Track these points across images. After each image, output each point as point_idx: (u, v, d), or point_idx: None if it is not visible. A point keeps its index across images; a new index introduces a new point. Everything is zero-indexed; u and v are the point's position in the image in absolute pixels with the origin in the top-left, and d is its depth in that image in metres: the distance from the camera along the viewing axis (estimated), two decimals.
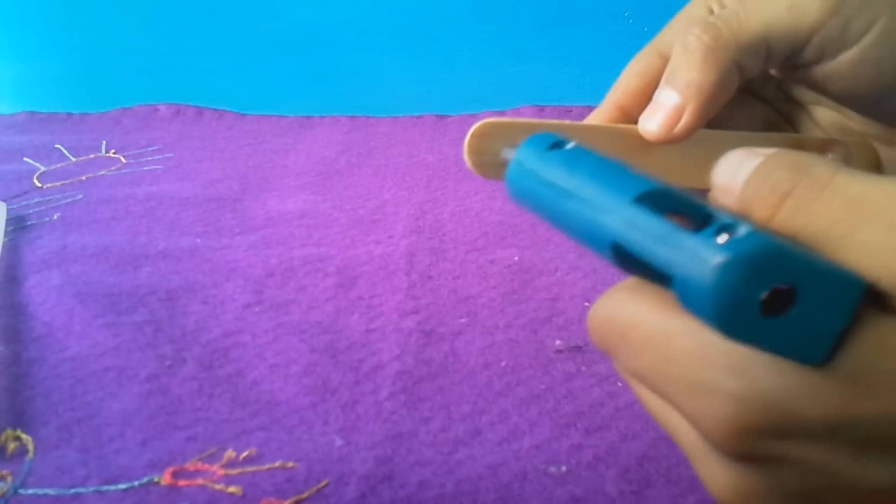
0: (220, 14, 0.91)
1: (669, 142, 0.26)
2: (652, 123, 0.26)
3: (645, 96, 0.29)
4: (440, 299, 0.49)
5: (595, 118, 0.30)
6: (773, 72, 0.30)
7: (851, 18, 0.26)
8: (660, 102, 0.26)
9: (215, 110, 0.92)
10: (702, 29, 0.26)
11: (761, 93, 0.33)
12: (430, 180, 0.69)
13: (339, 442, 0.37)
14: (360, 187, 0.68)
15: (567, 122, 0.26)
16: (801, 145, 0.30)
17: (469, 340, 0.45)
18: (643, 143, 0.27)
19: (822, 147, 0.30)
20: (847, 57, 0.26)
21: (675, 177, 0.27)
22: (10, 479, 0.35)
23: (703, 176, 0.27)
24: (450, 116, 0.88)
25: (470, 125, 0.26)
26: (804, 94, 0.32)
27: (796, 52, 0.27)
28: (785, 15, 0.26)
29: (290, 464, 0.35)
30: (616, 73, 0.32)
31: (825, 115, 0.32)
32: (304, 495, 0.34)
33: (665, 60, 0.29)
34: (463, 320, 0.47)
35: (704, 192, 0.28)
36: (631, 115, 0.29)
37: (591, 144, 0.26)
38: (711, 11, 0.29)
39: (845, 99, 0.29)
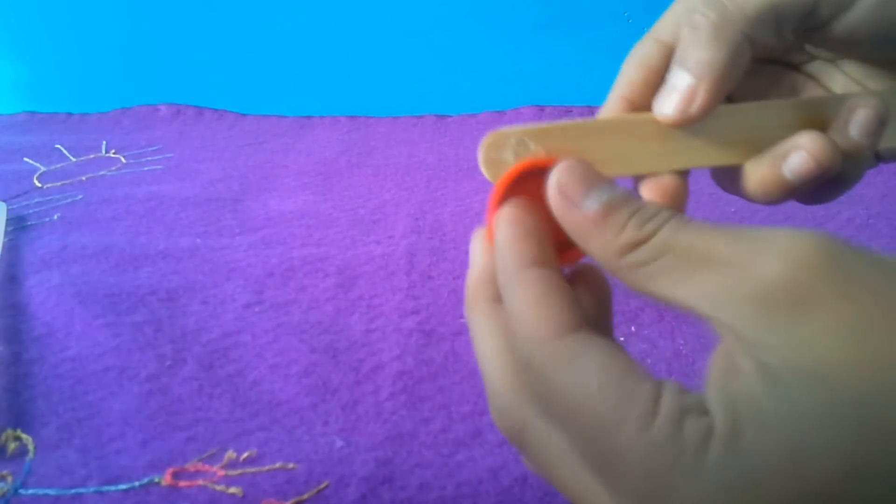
0: (220, 14, 0.91)
1: (687, 123, 0.26)
2: (667, 107, 0.26)
3: (649, 85, 0.28)
4: (440, 299, 0.49)
5: (603, 113, 0.30)
6: (790, 37, 0.30)
7: None
8: (673, 84, 0.26)
9: (215, 110, 0.92)
10: (707, 6, 0.26)
11: (784, 58, 0.32)
12: (430, 180, 0.69)
13: (339, 443, 0.37)
14: (360, 187, 0.68)
15: (580, 120, 0.26)
16: (829, 106, 0.29)
17: (469, 340, 0.45)
18: (661, 129, 0.26)
19: (852, 106, 0.28)
20: (865, 2, 0.26)
21: (699, 158, 0.27)
22: (10, 479, 0.35)
23: (727, 153, 0.27)
24: (450, 116, 0.88)
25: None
26: (826, 51, 0.31)
27: (807, 14, 0.27)
28: None
29: (291, 465, 0.35)
30: (616, 74, 0.32)
31: (854, 69, 0.31)
32: (305, 496, 0.34)
33: (664, 48, 0.29)
34: (463, 320, 0.47)
35: (731, 168, 0.27)
36: (638, 106, 0.29)
37: (608, 139, 0.26)
38: None
39: (874, 47, 0.28)
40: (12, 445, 0.37)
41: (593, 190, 0.21)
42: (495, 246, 0.22)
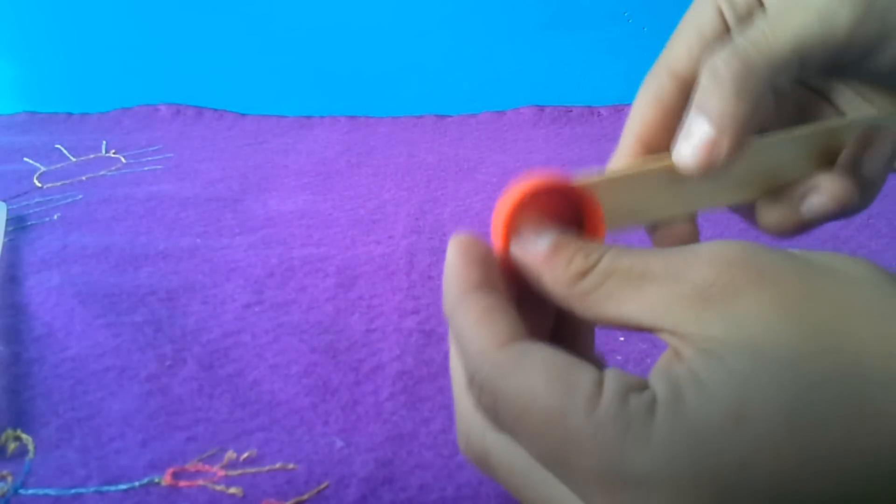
0: (220, 14, 0.91)
1: (708, 174, 0.25)
2: (688, 157, 0.25)
3: (666, 125, 0.28)
4: (440, 299, 0.49)
5: (620, 154, 0.29)
6: (814, 77, 0.29)
7: (888, 10, 0.24)
8: (693, 133, 0.25)
9: (215, 110, 0.92)
10: (730, 54, 0.25)
11: None
12: (430, 180, 0.69)
13: (339, 443, 0.37)
14: (360, 187, 0.68)
15: (596, 178, 0.25)
16: (842, 133, 0.28)
17: None
18: (676, 175, 0.25)
19: (868, 138, 0.28)
20: (891, 52, 0.25)
21: (713, 200, 0.27)
22: (10, 479, 0.35)
23: (742, 192, 0.27)
24: (450, 116, 0.88)
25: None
26: (844, 82, 0.30)
27: (832, 60, 0.26)
28: (816, 26, 0.25)
29: (291, 465, 0.35)
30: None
31: (865, 87, 0.30)
32: (305, 497, 0.34)
33: (679, 81, 0.28)
34: None
35: (749, 205, 0.27)
36: (655, 146, 0.28)
37: (622, 192, 0.25)
38: (722, 16, 0.28)
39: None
40: (12, 445, 0.37)
41: (543, 233, 0.23)
42: (443, 274, 0.23)
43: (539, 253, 0.23)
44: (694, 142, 0.25)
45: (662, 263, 0.21)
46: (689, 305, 0.20)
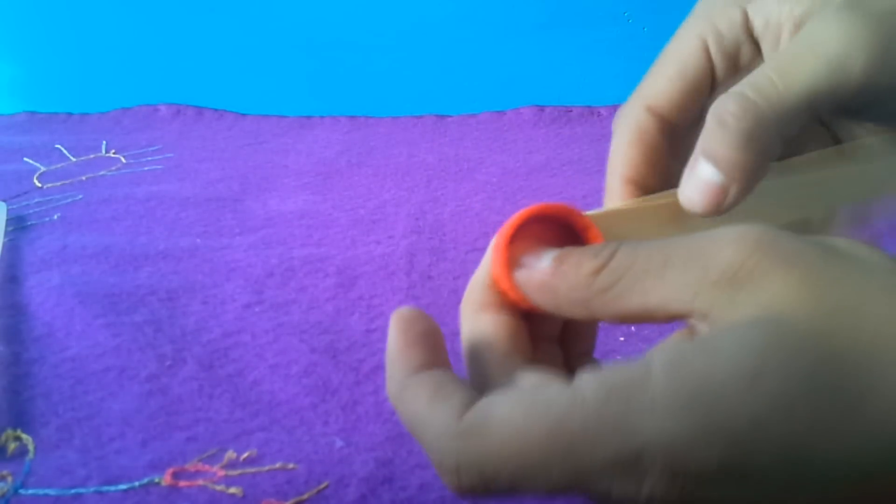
0: (220, 14, 0.91)
1: (717, 215, 0.25)
2: (697, 199, 0.25)
3: (651, 165, 0.27)
4: (440, 299, 0.49)
5: (611, 197, 0.28)
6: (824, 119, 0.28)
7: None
8: (701, 177, 0.24)
9: (215, 110, 0.92)
10: (738, 105, 0.24)
11: None
12: (430, 180, 0.69)
13: (339, 443, 0.37)
14: (360, 187, 0.68)
15: (599, 211, 0.25)
16: (848, 154, 0.28)
17: None
18: (680, 211, 0.25)
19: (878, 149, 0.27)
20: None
21: None
22: (10, 479, 0.35)
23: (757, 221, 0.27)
24: (450, 116, 0.88)
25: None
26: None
27: (843, 107, 0.25)
28: (827, 75, 0.24)
29: (291, 465, 0.35)
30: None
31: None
32: (305, 497, 0.34)
33: (659, 120, 0.27)
34: None
35: None
36: (643, 186, 0.28)
37: (631, 225, 0.25)
38: (707, 51, 0.28)
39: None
40: (12, 445, 0.37)
41: (541, 253, 0.23)
42: (386, 358, 0.23)
43: (545, 269, 0.22)
44: (701, 186, 0.24)
45: (683, 250, 0.21)
46: (720, 288, 0.20)
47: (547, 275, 0.22)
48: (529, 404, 0.19)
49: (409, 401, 0.21)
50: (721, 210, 0.25)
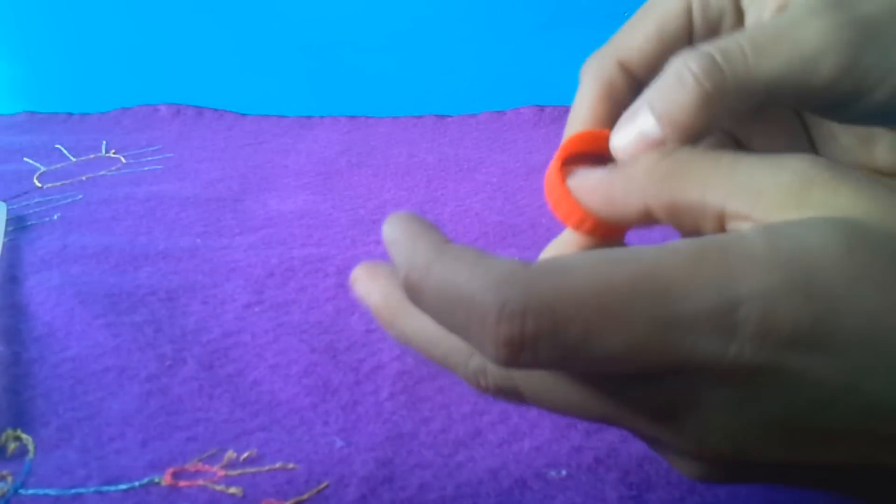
0: (220, 14, 0.91)
1: None
2: (623, 146, 0.24)
3: (615, 120, 0.26)
4: None
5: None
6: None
7: (871, 68, 0.23)
8: (639, 127, 0.24)
9: (215, 110, 0.92)
10: (702, 68, 0.23)
11: None
12: (430, 180, 0.69)
13: (339, 443, 0.37)
14: (360, 187, 0.68)
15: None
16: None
17: None
18: None
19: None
20: (866, 105, 0.23)
21: None
22: (10, 479, 0.35)
23: None
24: (450, 116, 0.88)
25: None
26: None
27: (802, 102, 0.25)
28: (798, 68, 0.23)
29: (291, 465, 0.35)
30: None
31: None
32: (305, 497, 0.34)
33: (629, 77, 0.27)
34: None
35: None
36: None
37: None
38: (689, 13, 0.27)
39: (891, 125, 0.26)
40: (12, 445, 0.37)
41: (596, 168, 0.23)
42: (392, 251, 0.21)
43: (601, 173, 0.22)
44: (635, 135, 0.24)
45: (753, 157, 0.20)
46: (790, 192, 0.20)
47: (604, 174, 0.22)
48: (612, 253, 0.18)
49: (448, 263, 0.18)
50: None
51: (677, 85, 0.23)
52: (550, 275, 0.17)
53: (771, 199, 0.20)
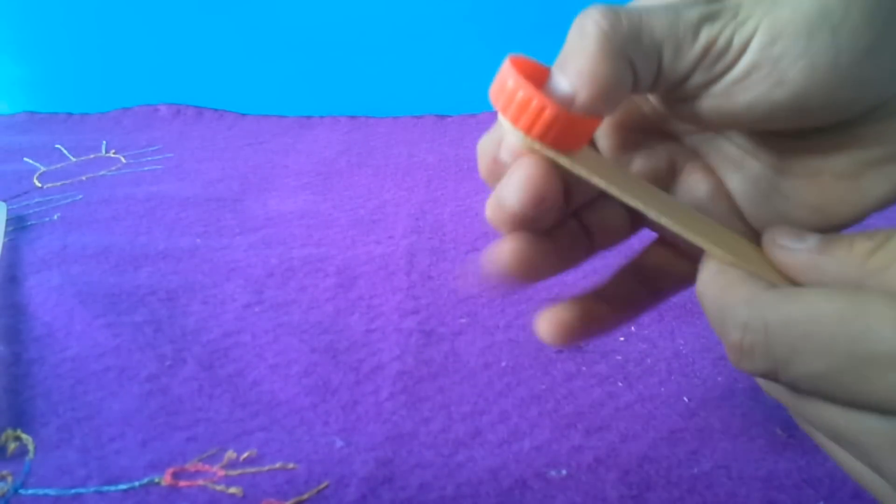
0: (220, 14, 0.91)
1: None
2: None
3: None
4: (440, 299, 0.49)
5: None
6: (661, 104, 0.27)
7: (736, 30, 0.22)
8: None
9: (215, 110, 0.92)
10: (602, 13, 0.23)
11: (665, 127, 0.29)
12: (430, 180, 0.69)
13: (339, 443, 0.37)
14: (360, 187, 0.68)
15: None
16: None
17: (469, 340, 0.45)
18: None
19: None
20: (739, 69, 0.23)
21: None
22: (10, 479, 0.35)
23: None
24: (450, 116, 0.88)
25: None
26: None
27: (684, 77, 0.24)
28: (677, 32, 0.23)
29: (291, 465, 0.35)
30: None
31: (742, 140, 0.27)
32: (305, 496, 0.34)
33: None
34: (463, 320, 0.47)
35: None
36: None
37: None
38: None
39: (760, 118, 0.24)
40: (12, 445, 0.37)
41: (803, 234, 0.23)
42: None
43: (812, 247, 0.22)
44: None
45: None
46: None
47: (814, 253, 0.22)
48: (825, 291, 0.19)
49: (719, 283, 0.22)
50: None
51: (578, 35, 0.24)
52: (791, 295, 0.20)
53: None
